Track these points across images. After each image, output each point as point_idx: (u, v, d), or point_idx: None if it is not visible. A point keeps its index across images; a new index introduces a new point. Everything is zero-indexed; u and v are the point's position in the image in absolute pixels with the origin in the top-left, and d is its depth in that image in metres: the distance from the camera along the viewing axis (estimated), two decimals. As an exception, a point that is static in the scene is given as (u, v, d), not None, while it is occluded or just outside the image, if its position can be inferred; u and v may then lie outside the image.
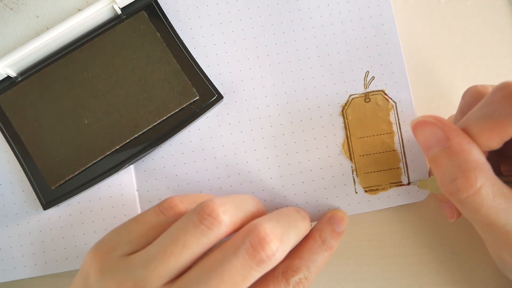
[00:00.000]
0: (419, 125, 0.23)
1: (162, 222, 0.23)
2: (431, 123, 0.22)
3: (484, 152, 0.22)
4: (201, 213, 0.22)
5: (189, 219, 0.22)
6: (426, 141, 0.23)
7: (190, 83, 0.29)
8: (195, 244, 0.21)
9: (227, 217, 0.22)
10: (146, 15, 0.30)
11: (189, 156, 0.30)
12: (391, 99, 0.30)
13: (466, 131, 0.22)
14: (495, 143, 0.21)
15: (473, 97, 0.24)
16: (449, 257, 0.29)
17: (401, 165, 0.30)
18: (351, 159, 0.30)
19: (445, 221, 0.30)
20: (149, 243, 0.23)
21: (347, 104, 0.30)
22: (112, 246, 0.23)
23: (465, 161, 0.21)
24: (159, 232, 0.23)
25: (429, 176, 0.30)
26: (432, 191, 0.27)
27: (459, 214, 0.28)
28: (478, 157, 0.21)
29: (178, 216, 0.23)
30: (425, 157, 0.23)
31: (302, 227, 0.24)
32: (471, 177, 0.21)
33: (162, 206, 0.24)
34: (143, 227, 0.23)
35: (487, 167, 0.21)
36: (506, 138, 0.21)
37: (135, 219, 0.24)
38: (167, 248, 0.21)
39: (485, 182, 0.21)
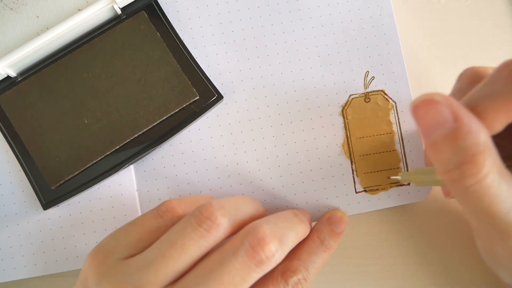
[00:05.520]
0: (424, 104, 0.20)
1: (160, 225, 0.23)
2: (438, 102, 0.19)
3: None
4: (200, 216, 0.22)
5: (187, 222, 0.22)
6: (429, 123, 0.20)
7: (190, 83, 0.29)
8: (194, 247, 0.21)
9: (225, 219, 0.22)
10: (146, 15, 0.30)
11: (189, 156, 0.30)
12: (391, 99, 0.30)
13: (471, 110, 0.20)
14: (499, 124, 0.20)
15: (472, 77, 0.23)
16: (450, 257, 0.29)
17: (401, 165, 0.30)
18: (351, 159, 0.30)
19: (446, 221, 0.30)
20: (147, 246, 0.23)
21: (347, 104, 0.30)
22: (110, 250, 0.23)
23: (474, 144, 0.18)
24: (158, 236, 0.23)
25: None
26: (416, 184, 0.27)
27: None
28: (487, 138, 0.19)
29: (176, 219, 0.23)
30: (424, 142, 0.21)
31: (300, 230, 0.24)
32: (479, 162, 0.18)
33: (160, 209, 0.24)
34: (141, 231, 0.23)
35: (494, 151, 0.19)
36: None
37: (133, 223, 0.24)
38: (165, 251, 0.21)
39: (492, 168, 0.19)
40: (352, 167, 0.30)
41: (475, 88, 0.21)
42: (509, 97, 0.19)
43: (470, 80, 0.23)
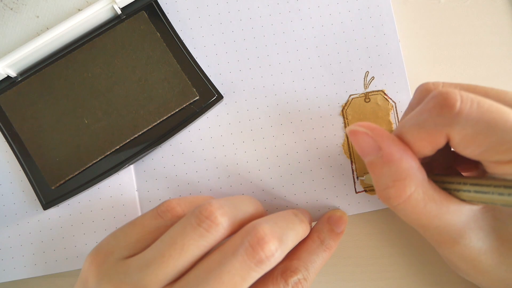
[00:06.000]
0: (352, 133, 0.23)
1: (160, 225, 0.23)
2: (363, 133, 0.23)
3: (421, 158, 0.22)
4: (199, 216, 0.22)
5: (187, 222, 0.22)
6: (362, 148, 0.23)
7: (190, 83, 0.29)
8: (194, 247, 0.21)
9: (225, 219, 0.22)
10: (146, 15, 0.30)
11: (189, 156, 0.30)
12: (391, 99, 0.30)
13: (401, 137, 0.22)
14: (428, 151, 0.21)
15: (422, 94, 0.24)
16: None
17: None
18: (351, 159, 0.30)
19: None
20: (147, 246, 0.23)
21: (347, 104, 0.30)
22: (110, 250, 0.23)
23: (396, 171, 0.21)
24: (157, 236, 0.23)
25: None
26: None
27: None
28: (409, 165, 0.21)
29: (176, 219, 0.23)
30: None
31: (300, 229, 0.24)
32: (400, 187, 0.21)
33: (160, 209, 0.24)
34: (141, 231, 0.23)
35: (418, 175, 0.21)
36: (438, 147, 0.21)
37: (133, 223, 0.24)
38: (165, 251, 0.21)
39: (414, 191, 0.21)
40: (352, 167, 0.30)
41: (409, 115, 0.22)
42: (431, 129, 0.20)
43: (419, 97, 0.24)
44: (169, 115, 0.29)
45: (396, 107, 0.30)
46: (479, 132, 0.19)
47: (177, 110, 0.29)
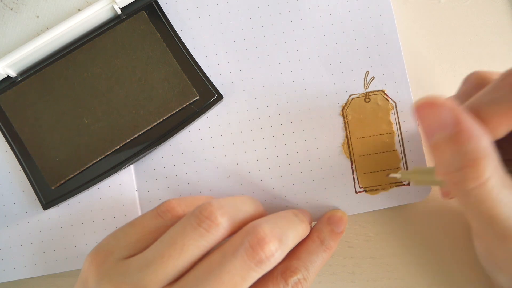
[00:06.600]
0: (425, 106, 0.20)
1: (160, 225, 0.23)
2: (440, 105, 0.20)
3: None
4: (199, 216, 0.22)
5: (187, 222, 0.22)
6: (431, 125, 0.20)
7: (190, 83, 0.29)
8: (194, 247, 0.21)
9: (225, 219, 0.22)
10: (146, 15, 0.30)
11: (189, 156, 0.30)
12: (391, 99, 0.30)
13: (475, 114, 0.20)
14: (502, 130, 0.20)
15: (477, 82, 0.23)
16: (449, 258, 0.29)
17: (401, 165, 0.30)
18: (351, 159, 0.30)
19: (445, 222, 0.30)
20: (147, 246, 0.23)
21: (347, 104, 0.30)
22: (110, 250, 0.23)
23: (475, 149, 0.19)
24: (157, 236, 0.23)
25: None
26: (415, 183, 0.27)
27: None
28: (488, 143, 0.19)
29: (176, 219, 0.23)
30: (426, 142, 0.21)
31: (300, 230, 0.24)
32: (480, 167, 0.19)
33: (160, 209, 0.24)
34: (141, 231, 0.23)
35: (495, 157, 0.19)
36: None
37: (133, 223, 0.24)
38: (165, 251, 0.21)
39: (493, 173, 0.19)
40: (352, 167, 0.30)
41: (479, 93, 0.21)
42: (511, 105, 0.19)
43: (474, 84, 0.23)
44: (169, 115, 0.29)
45: (396, 107, 0.30)
46: None
47: (177, 110, 0.29)
